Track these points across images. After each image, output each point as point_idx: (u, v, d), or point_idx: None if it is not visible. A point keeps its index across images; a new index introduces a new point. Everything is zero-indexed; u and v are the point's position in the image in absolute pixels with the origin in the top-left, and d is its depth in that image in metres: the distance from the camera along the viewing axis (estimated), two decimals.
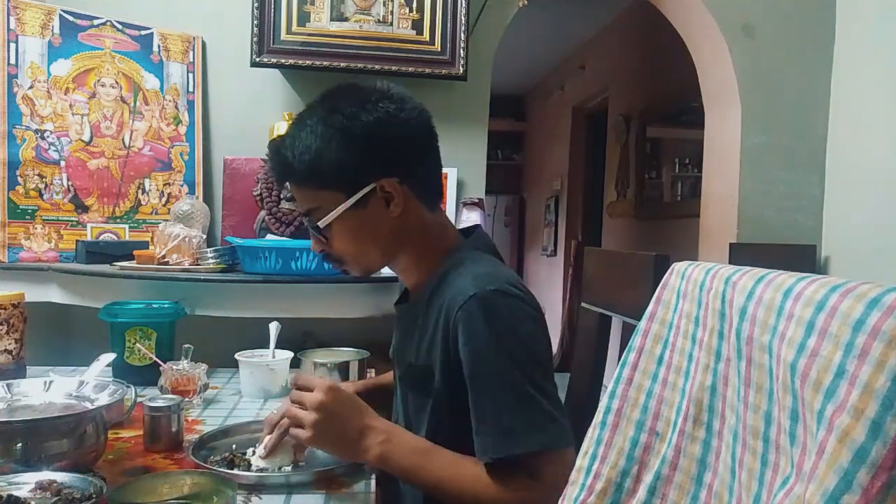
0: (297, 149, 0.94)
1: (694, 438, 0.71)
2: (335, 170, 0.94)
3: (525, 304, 0.91)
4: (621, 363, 0.84)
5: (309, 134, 0.94)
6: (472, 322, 0.88)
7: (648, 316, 0.83)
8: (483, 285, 0.90)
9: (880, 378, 0.45)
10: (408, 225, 0.99)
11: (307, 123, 0.95)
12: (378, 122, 0.93)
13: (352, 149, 0.93)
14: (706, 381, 0.70)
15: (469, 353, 0.89)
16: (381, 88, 0.97)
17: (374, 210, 0.96)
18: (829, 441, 0.47)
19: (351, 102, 0.94)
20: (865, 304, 0.48)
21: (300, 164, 0.95)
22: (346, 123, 0.93)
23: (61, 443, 0.90)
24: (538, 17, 4.19)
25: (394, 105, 0.95)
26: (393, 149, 0.95)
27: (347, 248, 1.00)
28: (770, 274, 0.61)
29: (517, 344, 0.88)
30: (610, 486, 0.78)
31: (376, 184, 0.94)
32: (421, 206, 1.00)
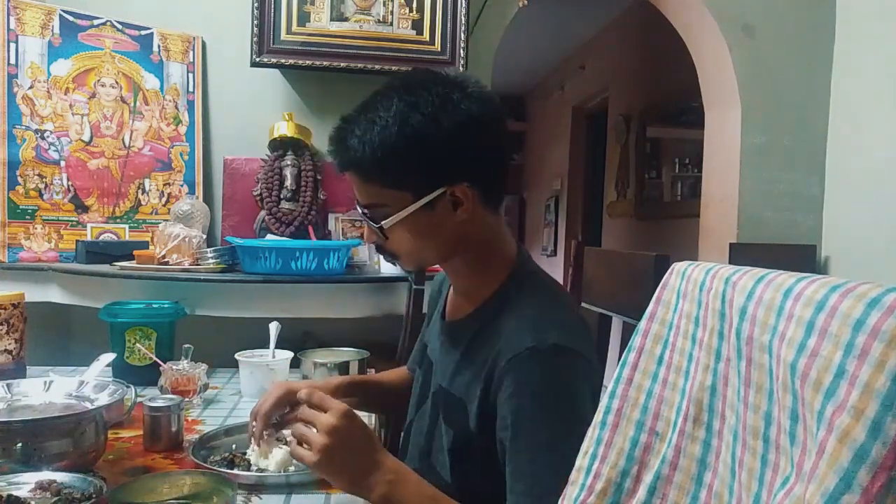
0: (368, 142, 0.87)
1: (694, 438, 0.71)
2: (407, 171, 0.88)
3: (582, 361, 0.86)
4: (621, 363, 0.84)
5: (383, 129, 0.86)
6: (524, 376, 0.84)
7: (648, 316, 0.83)
8: (542, 337, 0.85)
9: (880, 378, 0.45)
10: (471, 229, 0.93)
11: (381, 116, 0.87)
12: (459, 128, 0.87)
13: (428, 152, 0.87)
14: (706, 381, 0.70)
15: (515, 406, 0.85)
16: (462, 82, 0.91)
17: (441, 213, 0.90)
18: (829, 441, 0.47)
19: (432, 100, 0.87)
20: (865, 304, 0.48)
21: (369, 158, 0.88)
22: (425, 125, 0.86)
23: (61, 443, 0.90)
24: (538, 17, 4.19)
25: (476, 106, 0.88)
26: (470, 155, 0.89)
27: (405, 246, 0.95)
28: (770, 274, 0.61)
29: (569, 409, 0.84)
30: (610, 486, 0.78)
31: (447, 188, 0.89)
32: (486, 211, 0.94)
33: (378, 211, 0.92)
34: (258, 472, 0.98)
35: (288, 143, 2.02)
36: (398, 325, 1.74)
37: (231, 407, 1.36)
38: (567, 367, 0.85)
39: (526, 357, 0.84)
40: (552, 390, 0.84)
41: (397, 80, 0.92)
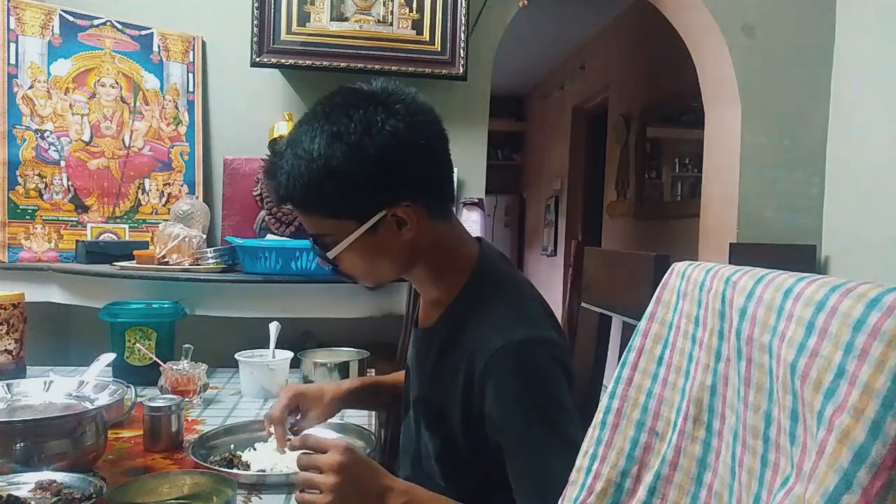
0: (297, 177, 0.85)
1: (694, 438, 0.71)
2: (341, 200, 0.86)
3: (549, 346, 0.87)
4: (621, 363, 0.84)
5: (309, 162, 0.84)
6: (502, 379, 0.85)
7: (648, 316, 0.83)
8: (510, 336, 0.86)
9: (880, 378, 0.45)
10: (421, 242, 0.92)
11: (305, 149, 0.85)
12: (387, 149, 0.84)
13: (359, 180, 0.84)
14: (706, 381, 0.70)
15: (500, 411, 0.86)
16: (387, 99, 0.87)
17: (387, 234, 0.89)
18: (829, 441, 0.47)
19: (354, 124, 0.84)
20: (865, 304, 0.48)
21: (299, 192, 0.87)
22: (351, 155, 0.83)
23: (61, 443, 0.90)
24: (538, 17, 4.19)
25: (402, 123, 0.85)
26: (404, 173, 0.87)
27: (358, 269, 0.95)
28: (770, 274, 0.61)
29: (548, 398, 0.85)
30: (610, 486, 0.78)
31: (388, 211, 0.87)
32: (435, 221, 0.92)
33: (324, 239, 0.91)
34: (258, 472, 0.98)
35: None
36: (398, 325, 1.74)
37: (231, 407, 1.36)
38: (538, 359, 0.86)
39: (499, 359, 0.85)
40: (530, 387, 0.85)
41: (319, 107, 0.90)
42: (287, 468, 1.00)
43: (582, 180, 5.42)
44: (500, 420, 0.86)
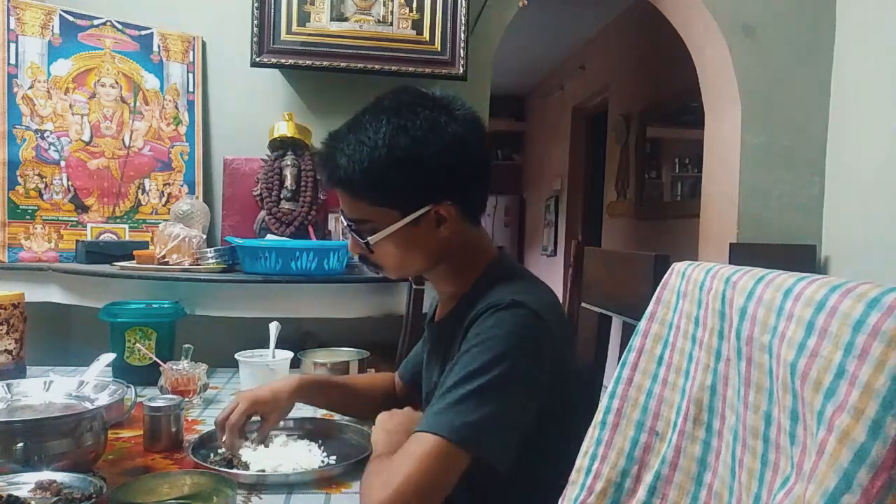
0: (357, 162, 0.90)
1: (694, 438, 0.71)
2: (394, 190, 0.91)
3: (537, 318, 0.88)
4: (621, 363, 0.84)
5: (372, 149, 0.90)
6: (479, 326, 0.88)
7: (648, 316, 0.83)
8: (503, 297, 0.89)
9: (880, 378, 0.45)
10: (452, 241, 0.97)
11: (370, 136, 0.90)
12: (446, 150, 0.91)
13: (415, 173, 0.91)
14: (706, 381, 0.70)
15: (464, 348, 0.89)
16: (449, 104, 0.94)
17: (425, 229, 0.94)
18: (829, 441, 0.47)
19: (420, 121, 0.90)
20: (865, 304, 0.48)
21: (358, 178, 0.91)
22: (413, 148, 0.89)
23: (61, 443, 0.90)
24: (538, 17, 4.19)
25: (462, 128, 0.93)
26: (455, 176, 0.93)
27: (389, 259, 0.98)
28: (770, 274, 0.61)
29: (504, 350, 0.85)
30: (610, 486, 0.78)
31: (432, 207, 0.93)
32: (467, 224, 0.98)
33: (364, 226, 0.95)
34: (258, 472, 0.98)
35: (288, 143, 2.02)
36: (398, 325, 1.74)
37: None
38: (518, 317, 0.87)
39: (483, 313, 0.88)
40: (498, 336, 0.86)
41: (387, 101, 0.96)
42: (287, 468, 1.00)
43: (582, 180, 5.42)
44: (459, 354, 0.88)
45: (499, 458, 0.83)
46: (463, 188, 0.95)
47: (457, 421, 0.80)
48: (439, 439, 0.80)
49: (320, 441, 1.14)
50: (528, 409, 0.88)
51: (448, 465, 0.80)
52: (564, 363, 0.95)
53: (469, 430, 0.80)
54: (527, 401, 0.87)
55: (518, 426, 0.86)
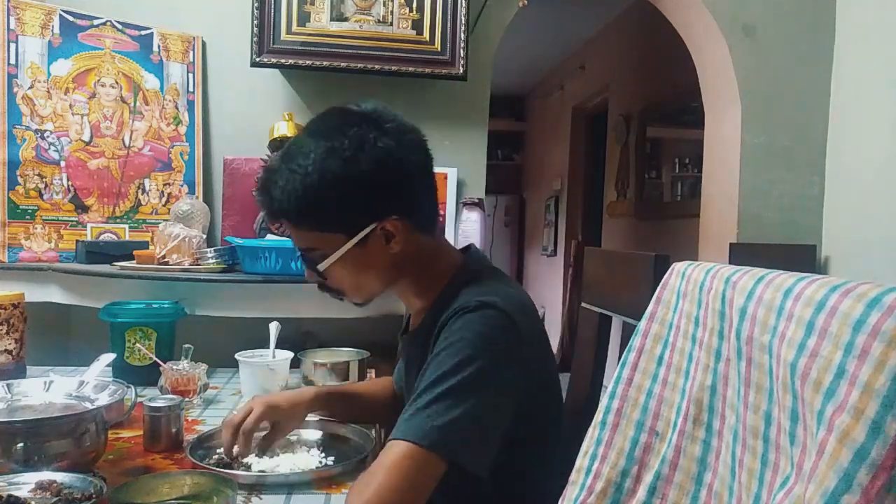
0: (292, 192, 0.89)
1: (694, 438, 0.71)
2: (334, 214, 0.90)
3: (505, 318, 0.87)
4: (621, 363, 0.84)
5: (304, 176, 0.88)
6: (448, 329, 0.87)
7: (648, 316, 0.83)
8: (470, 299, 0.88)
9: (880, 378, 0.45)
10: (407, 255, 0.95)
11: (300, 164, 0.88)
12: (379, 164, 0.88)
13: (352, 193, 0.89)
14: (706, 381, 0.70)
15: (434, 353, 0.88)
16: (378, 119, 0.91)
17: (374, 247, 0.93)
18: (829, 441, 0.47)
19: (348, 140, 0.88)
20: (865, 304, 0.48)
21: (293, 206, 0.90)
22: (345, 168, 0.87)
23: (61, 443, 0.90)
24: (538, 17, 4.19)
25: (393, 140, 0.90)
26: (394, 188, 0.91)
27: (346, 283, 0.98)
28: (770, 274, 0.62)
29: (472, 352, 0.84)
30: (610, 486, 0.78)
31: (377, 224, 0.91)
32: (420, 235, 0.96)
33: (313, 254, 0.94)
34: (258, 472, 0.98)
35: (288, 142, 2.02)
36: (398, 326, 1.73)
37: (231, 407, 1.36)
38: (487, 318, 0.86)
39: (452, 317, 0.87)
40: (466, 338, 0.85)
41: (313, 125, 0.94)
42: (286, 469, 1.00)
43: (582, 180, 5.42)
44: (430, 359, 0.86)
45: (473, 462, 0.81)
46: (405, 201, 0.93)
47: (427, 425, 0.79)
48: (410, 445, 0.78)
49: (319, 441, 1.14)
50: (502, 409, 0.85)
51: (421, 471, 0.78)
52: (538, 363, 0.93)
53: (439, 433, 0.78)
54: (500, 401, 0.85)
55: (492, 428, 0.84)
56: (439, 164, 2.18)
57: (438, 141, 2.23)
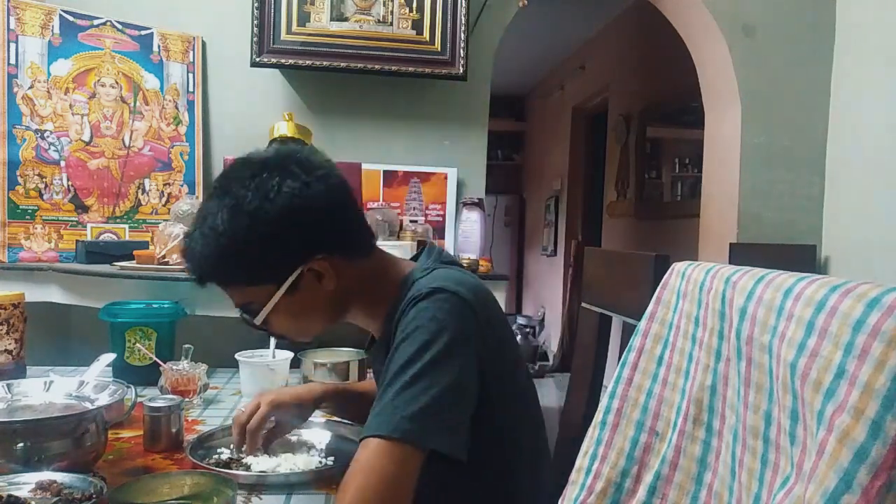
0: (207, 255, 0.88)
1: (694, 438, 0.71)
2: (256, 268, 0.89)
3: (456, 299, 0.86)
4: (621, 363, 0.84)
5: (216, 237, 0.87)
6: (403, 321, 0.86)
7: (648, 316, 0.83)
8: (421, 289, 0.87)
9: (880, 378, 0.45)
10: (346, 287, 0.94)
11: (210, 226, 0.87)
12: (287, 209, 0.86)
13: (267, 244, 0.87)
14: (706, 381, 0.70)
15: (393, 347, 0.87)
16: (281, 162, 0.89)
17: (308, 290, 0.91)
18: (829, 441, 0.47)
19: (251, 193, 0.86)
20: (865, 304, 0.48)
21: (215, 268, 0.89)
22: (253, 221, 0.85)
23: (62, 443, 0.90)
24: (538, 17, 4.19)
25: (297, 182, 0.87)
26: (311, 230, 0.89)
27: (291, 328, 0.97)
28: (770, 274, 0.62)
29: (429, 337, 0.83)
30: (610, 486, 0.78)
31: (304, 267, 0.89)
32: (353, 264, 0.94)
33: (251, 307, 0.93)
34: (258, 472, 0.98)
35: (288, 142, 2.02)
36: None
37: (231, 407, 1.36)
38: (439, 302, 0.85)
39: (405, 309, 0.86)
40: (421, 325, 0.84)
41: (218, 182, 0.92)
42: (287, 469, 1.00)
43: (582, 180, 5.42)
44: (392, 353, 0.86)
45: (449, 445, 0.80)
46: (326, 239, 0.90)
47: (395, 417, 0.77)
48: (382, 441, 0.77)
49: (320, 441, 1.14)
50: (467, 388, 0.84)
51: (398, 464, 0.76)
52: (497, 341, 0.91)
53: (410, 423, 0.77)
54: (464, 379, 0.83)
55: (461, 409, 0.83)
56: (439, 164, 2.21)
57: (438, 141, 2.23)
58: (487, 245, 2.22)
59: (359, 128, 2.20)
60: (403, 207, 2.22)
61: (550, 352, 5.60)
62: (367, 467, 0.77)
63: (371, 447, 0.78)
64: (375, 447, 0.77)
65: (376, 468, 0.76)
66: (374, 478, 0.76)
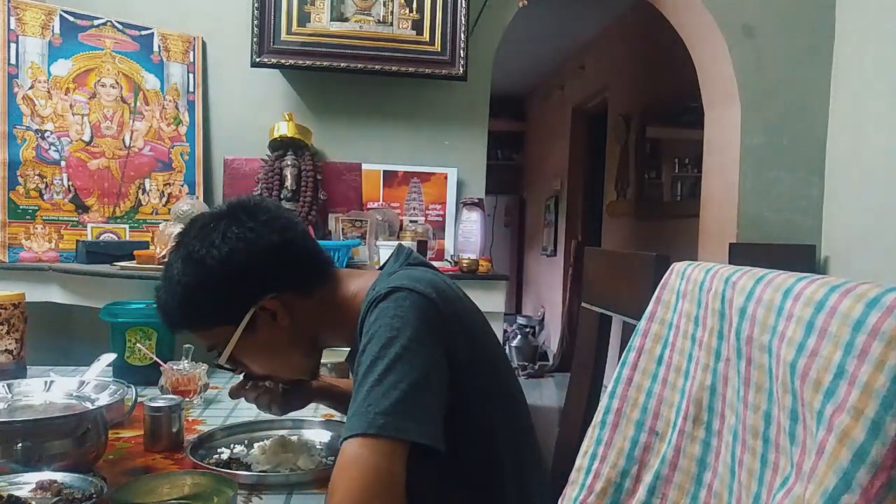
0: (171, 305, 0.95)
1: (694, 438, 0.71)
2: (211, 309, 0.94)
3: (415, 295, 0.87)
4: (621, 363, 0.84)
5: (175, 285, 0.93)
6: (367, 323, 0.87)
7: (648, 316, 0.83)
8: (380, 290, 0.88)
9: (880, 378, 0.45)
10: (304, 321, 0.97)
11: (169, 276, 0.95)
12: (233, 252, 0.92)
13: (218, 287, 0.92)
14: (706, 380, 0.70)
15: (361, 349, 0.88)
16: (228, 213, 0.96)
17: (265, 327, 0.95)
18: (828, 441, 0.47)
19: (201, 241, 0.93)
20: (865, 304, 0.48)
21: (179, 313, 0.95)
22: (199, 267, 0.92)
23: (62, 443, 0.90)
24: (538, 17, 4.19)
25: (242, 228, 0.93)
26: (256, 272, 0.94)
27: (264, 368, 1.01)
28: (770, 274, 0.62)
29: (392, 333, 0.83)
30: (610, 485, 0.78)
31: (255, 308, 0.94)
32: (308, 297, 0.97)
33: (216, 348, 0.98)
34: (258, 472, 0.98)
35: (288, 143, 2.02)
36: None
37: (231, 407, 1.36)
38: (399, 300, 0.86)
39: (367, 312, 0.88)
40: (383, 323, 0.85)
41: (175, 238, 1.00)
42: (287, 468, 1.00)
43: (582, 180, 5.42)
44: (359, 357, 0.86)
45: (426, 435, 0.80)
46: (272, 279, 0.94)
47: (369, 415, 0.78)
48: (360, 439, 0.77)
49: (320, 441, 1.14)
50: (435, 379, 0.84)
51: (378, 461, 0.77)
52: (469, 335, 0.91)
53: (384, 418, 0.77)
54: (431, 371, 0.84)
55: (433, 399, 0.83)
56: (439, 164, 2.21)
57: (438, 141, 2.23)
58: (487, 245, 2.22)
59: (359, 128, 2.21)
60: (403, 207, 2.22)
61: (550, 352, 5.60)
62: (349, 468, 0.77)
63: (350, 448, 0.78)
64: (354, 447, 0.78)
65: (358, 465, 0.77)
66: (358, 476, 0.76)
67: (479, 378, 0.92)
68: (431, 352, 0.85)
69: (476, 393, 0.91)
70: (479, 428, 0.92)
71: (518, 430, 0.97)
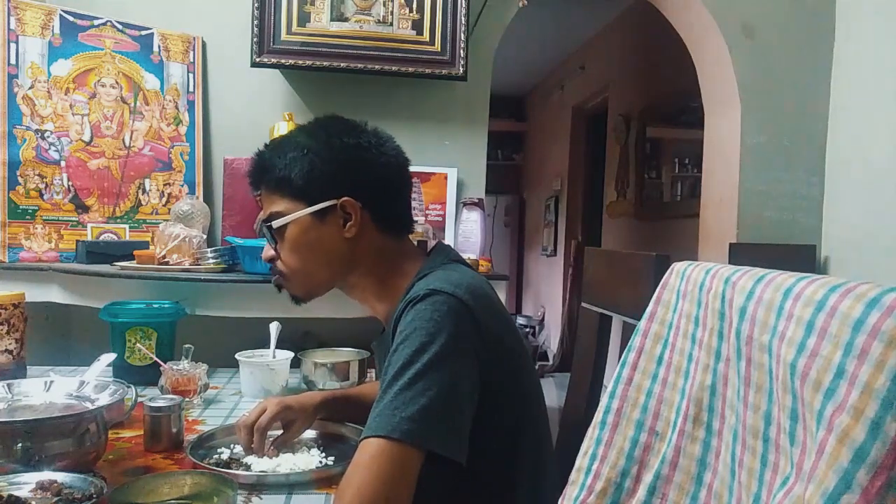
0: (276, 155, 0.99)
1: (694, 438, 0.71)
2: (303, 179, 0.97)
3: (453, 301, 0.86)
4: (621, 363, 0.84)
5: (291, 144, 0.99)
6: (402, 323, 0.87)
7: (648, 316, 0.83)
8: (419, 290, 0.88)
9: (880, 378, 0.45)
10: (361, 249, 0.99)
11: (293, 135, 1.01)
12: (357, 147, 0.98)
13: (325, 163, 0.97)
14: (706, 380, 0.70)
15: (392, 350, 0.88)
16: (366, 127, 1.03)
17: (330, 226, 0.98)
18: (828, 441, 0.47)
19: (338, 127, 1.01)
20: (865, 304, 0.48)
21: (274, 168, 0.99)
22: (327, 140, 0.98)
23: (62, 443, 0.90)
24: (538, 17, 4.19)
25: (376, 140, 1.01)
26: (363, 174, 0.99)
27: (295, 260, 1.00)
28: (770, 274, 0.62)
29: (427, 338, 0.83)
30: (610, 485, 0.78)
31: (337, 201, 0.97)
32: (380, 234, 1.01)
33: (274, 217, 1.00)
34: (258, 472, 0.98)
35: None
36: None
37: (231, 407, 1.36)
38: (436, 304, 0.86)
39: (404, 310, 0.89)
40: (419, 327, 0.85)
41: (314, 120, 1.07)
42: (287, 469, 1.00)
43: (582, 180, 5.42)
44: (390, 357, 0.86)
45: (448, 447, 0.79)
46: (371, 192, 0.99)
47: (395, 418, 0.78)
48: (382, 441, 0.77)
49: (320, 441, 1.14)
50: (467, 390, 0.84)
51: (396, 464, 0.77)
52: (497, 343, 0.91)
53: (409, 423, 0.77)
54: (464, 382, 0.83)
55: (461, 411, 0.83)
56: (439, 164, 2.21)
57: (438, 141, 2.23)
58: (487, 245, 2.22)
59: None
60: None
61: (550, 352, 5.60)
62: (366, 467, 0.77)
63: (370, 447, 0.78)
64: (375, 447, 0.78)
65: (375, 468, 0.76)
66: (374, 477, 0.76)
67: (507, 386, 0.92)
68: (464, 361, 0.85)
69: (504, 401, 0.91)
70: (502, 436, 0.91)
71: (536, 439, 0.96)
